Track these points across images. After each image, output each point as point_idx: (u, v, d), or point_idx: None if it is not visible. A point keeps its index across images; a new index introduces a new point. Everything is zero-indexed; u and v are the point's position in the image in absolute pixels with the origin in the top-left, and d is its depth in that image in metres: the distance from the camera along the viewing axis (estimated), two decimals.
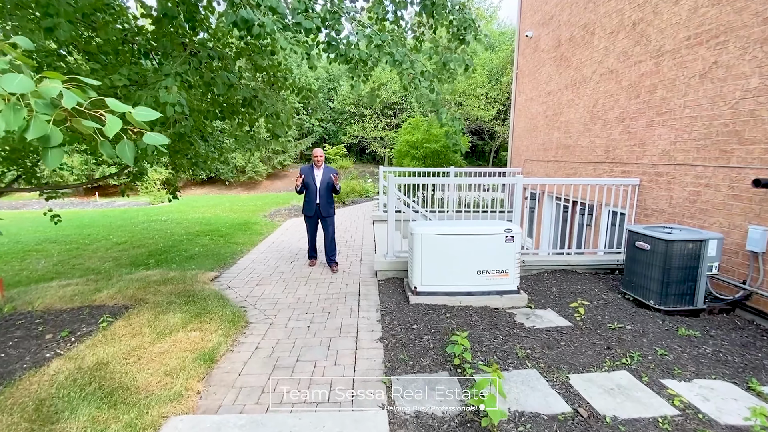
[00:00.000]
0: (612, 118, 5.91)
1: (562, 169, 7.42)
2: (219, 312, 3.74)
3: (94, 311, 3.79)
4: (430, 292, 4.20)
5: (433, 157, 9.80)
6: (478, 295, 4.19)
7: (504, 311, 4.04)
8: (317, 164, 5.36)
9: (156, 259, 6.13)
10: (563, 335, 3.45)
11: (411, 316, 3.83)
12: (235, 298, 4.44)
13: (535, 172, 8.60)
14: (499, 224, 4.28)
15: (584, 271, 5.29)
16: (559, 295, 4.50)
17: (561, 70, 7.44)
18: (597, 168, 6.31)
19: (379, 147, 21.49)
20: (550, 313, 4.03)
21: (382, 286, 4.85)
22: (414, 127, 10.13)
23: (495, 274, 4.18)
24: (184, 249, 6.77)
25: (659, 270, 3.86)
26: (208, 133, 3.74)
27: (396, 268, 5.13)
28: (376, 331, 3.59)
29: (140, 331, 3.24)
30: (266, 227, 8.86)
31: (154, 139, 0.91)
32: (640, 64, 5.32)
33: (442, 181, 8.39)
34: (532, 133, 8.76)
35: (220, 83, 2.49)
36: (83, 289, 4.43)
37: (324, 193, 5.39)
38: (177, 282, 4.64)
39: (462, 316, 3.86)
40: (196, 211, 11.92)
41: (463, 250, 4.12)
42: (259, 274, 5.37)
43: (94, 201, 16.62)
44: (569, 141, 7.14)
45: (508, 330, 3.55)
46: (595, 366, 2.92)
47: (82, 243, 7.46)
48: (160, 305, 3.84)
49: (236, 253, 6.46)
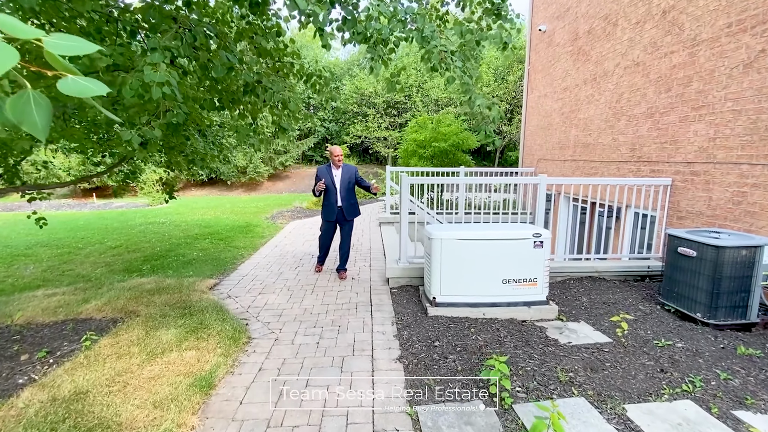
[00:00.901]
0: (638, 113, 5.53)
1: (581, 168, 7.04)
2: (218, 326, 3.35)
3: (79, 326, 3.41)
4: (451, 303, 3.81)
5: (441, 157, 9.42)
6: (504, 306, 3.80)
7: (533, 324, 3.65)
8: (336, 163, 4.89)
9: (151, 264, 5.75)
10: (606, 354, 3.06)
11: (431, 331, 3.44)
12: (236, 309, 4.06)
13: (550, 171, 8.21)
14: (525, 228, 3.89)
15: (612, 278, 4.90)
16: (590, 305, 4.11)
17: (579, 64, 7.06)
18: (621, 167, 5.92)
19: (383, 147, 21.11)
20: (584, 326, 3.64)
21: (396, 295, 4.46)
22: (421, 125, 9.76)
23: (522, 283, 3.79)
24: (182, 253, 6.39)
25: (707, 279, 3.47)
26: (205, 127, 3.37)
27: (410, 275, 4.74)
28: (393, 348, 3.20)
29: (128, 351, 2.85)
30: (268, 230, 8.48)
31: (79, 87, 0.53)
32: (672, 56, 4.93)
33: (461, 180, 7.98)
34: (547, 131, 8.38)
35: (219, 65, 2.12)
36: (70, 299, 4.05)
37: (346, 195, 4.91)
38: (173, 291, 4.26)
39: (488, 330, 3.47)
40: (196, 213, 11.54)
41: (487, 256, 3.73)
42: (262, 282, 4.98)
43: (92, 202, 16.26)
44: (589, 139, 6.76)
45: (542, 348, 3.16)
46: (652, 393, 2.52)
47: (75, 247, 7.08)
48: (153, 319, 3.45)
49: (237, 258, 6.08)
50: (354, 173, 4.97)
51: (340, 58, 26.86)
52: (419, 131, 9.53)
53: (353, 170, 5.00)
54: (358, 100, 20.98)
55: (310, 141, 22.89)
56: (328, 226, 5.09)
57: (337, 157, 4.89)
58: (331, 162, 4.95)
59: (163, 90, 1.66)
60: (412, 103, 19.88)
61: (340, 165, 4.91)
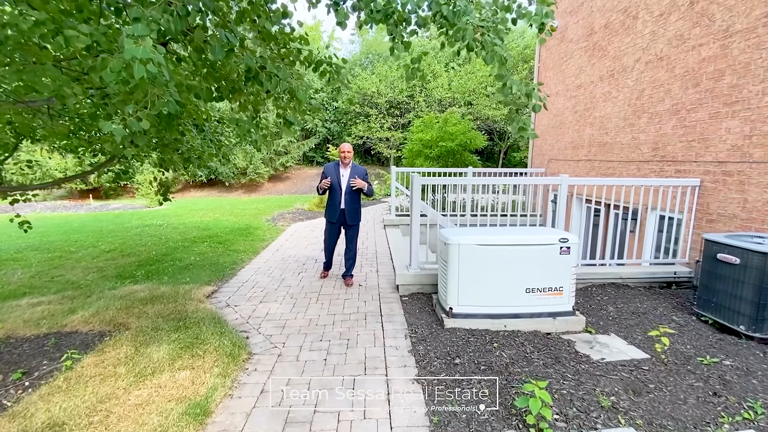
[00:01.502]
0: (662, 110, 5.23)
1: (596, 168, 6.74)
2: (215, 341, 3.04)
3: (63, 340, 3.10)
4: (469, 314, 3.50)
5: (447, 157, 9.12)
6: (527, 317, 3.49)
7: (559, 338, 3.35)
8: (345, 162, 4.59)
9: (146, 270, 5.44)
10: (646, 373, 2.75)
11: (450, 346, 3.13)
12: (235, 319, 3.75)
13: (562, 172, 7.90)
14: (550, 232, 3.59)
15: (636, 285, 4.59)
16: (618, 315, 3.80)
17: (594, 60, 6.77)
18: (642, 167, 5.62)
19: (385, 148, 20.81)
20: (616, 340, 3.34)
21: (407, 304, 4.15)
22: (427, 124, 9.46)
23: (547, 293, 3.48)
24: (179, 258, 6.08)
25: (753, 289, 3.16)
26: (203, 121, 3.06)
27: (421, 282, 4.44)
28: (409, 366, 2.89)
29: (114, 372, 2.54)
30: (269, 232, 8.17)
31: None
32: (700, 48, 4.64)
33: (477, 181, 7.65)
34: (558, 130, 8.08)
35: (217, 46, 1.82)
36: (55, 309, 3.74)
37: (350, 197, 4.61)
38: (167, 300, 3.95)
39: (512, 345, 3.16)
40: (194, 215, 11.23)
41: (510, 263, 3.43)
42: (263, 288, 4.68)
43: (88, 204, 15.95)
44: (606, 138, 6.46)
45: (575, 365, 2.85)
46: (709, 423, 2.21)
47: (67, 251, 6.77)
48: (144, 333, 3.14)
49: (237, 263, 5.77)
50: (363, 175, 4.63)
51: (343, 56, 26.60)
52: (425, 130, 9.23)
53: (362, 172, 4.66)
54: (360, 100, 20.70)
55: (312, 142, 22.60)
56: (329, 227, 4.81)
57: (344, 154, 4.58)
58: (340, 160, 4.65)
59: (148, 68, 1.36)
60: (415, 103, 19.59)
61: (348, 164, 4.60)
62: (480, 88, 16.40)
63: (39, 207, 13.75)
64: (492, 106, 16.49)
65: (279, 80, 2.03)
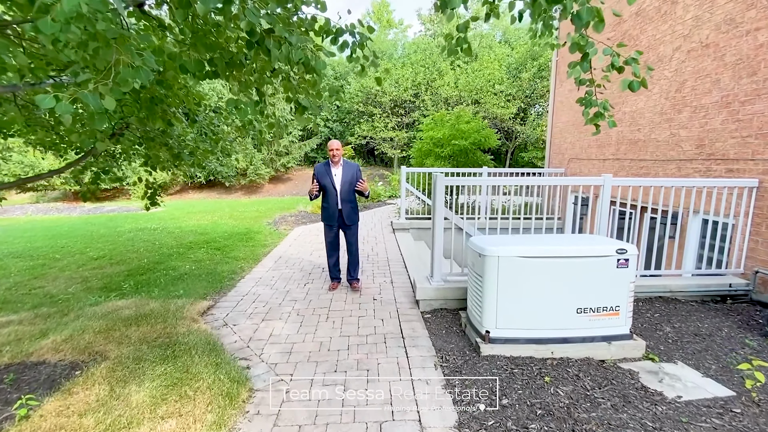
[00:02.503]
0: (708, 103, 4.70)
1: (627, 168, 6.21)
2: (209, 375, 2.51)
3: (25, 374, 2.57)
4: (510, 339, 2.97)
5: (459, 156, 8.60)
6: (578, 342, 2.96)
7: (617, 367, 2.82)
8: (334, 160, 4.28)
9: (136, 280, 4.91)
10: (741, 419, 2.22)
11: (492, 380, 2.61)
12: (234, 343, 3.22)
13: (585, 172, 7.39)
14: (605, 242, 3.06)
15: (687, 299, 4.08)
16: (678, 337, 3.27)
17: (622, 50, 6.24)
18: (683, 166, 5.10)
19: (389, 148, 20.28)
20: (685, 370, 2.81)
21: (431, 323, 3.63)
22: (438, 122, 8.93)
23: (601, 313, 2.96)
24: (173, 266, 5.55)
25: None
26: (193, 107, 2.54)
27: (445, 297, 3.91)
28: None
29: (79, 426, 2.00)
30: (271, 237, 7.65)
31: None
32: (757, 33, 4.12)
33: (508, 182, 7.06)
34: (580, 128, 7.56)
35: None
36: (24, 331, 3.21)
37: (346, 197, 4.32)
38: (155, 320, 3.42)
39: (565, 378, 2.64)
40: (192, 218, 10.71)
41: (559, 279, 2.90)
42: (266, 303, 4.15)
43: (81, 206, 15.41)
44: (638, 135, 5.93)
45: (649, 407, 2.32)
46: None
47: (52, 258, 6.25)
48: (124, 365, 2.61)
49: (236, 272, 5.24)
50: (356, 172, 4.34)
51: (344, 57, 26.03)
52: (436, 128, 8.71)
53: (355, 168, 4.37)
54: (363, 99, 20.16)
55: (313, 142, 22.06)
56: (330, 232, 4.48)
57: (332, 152, 4.24)
58: (329, 158, 4.32)
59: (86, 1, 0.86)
60: (420, 102, 19.05)
61: (338, 162, 4.28)
62: (488, 86, 15.88)
63: (31, 209, 13.23)
64: (500, 105, 15.96)
65: (291, 47, 1.52)
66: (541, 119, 16.58)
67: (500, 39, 20.33)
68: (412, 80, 18.76)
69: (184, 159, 2.77)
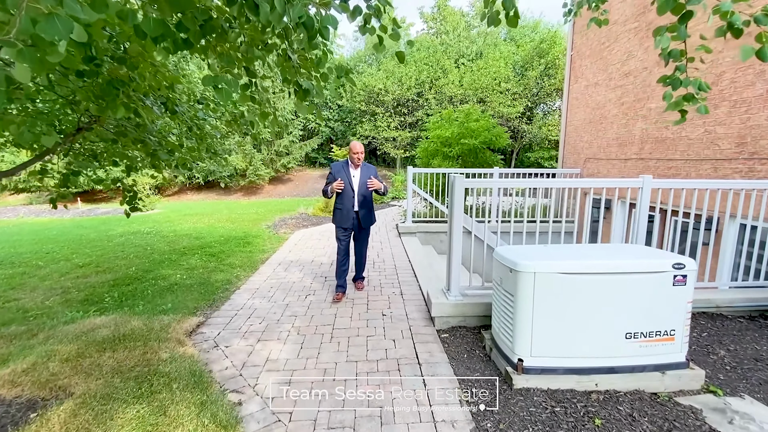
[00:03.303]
0: (751, 97, 4.27)
1: (652, 168, 5.77)
2: (192, 419, 2.08)
3: None
4: (546, 369, 2.54)
5: (468, 156, 8.16)
6: (626, 372, 2.53)
7: (675, 403, 2.38)
8: (355, 162, 4.14)
9: (120, 291, 4.49)
10: None
11: (532, 424, 2.17)
12: (225, 370, 2.79)
13: (603, 173, 6.96)
14: (659, 256, 2.63)
15: (734, 315, 3.64)
16: (737, 363, 2.84)
17: (649, 42, 5.81)
18: (720, 167, 4.66)
19: (392, 148, 19.82)
20: (758, 407, 2.37)
21: (449, 344, 3.20)
22: (446, 120, 8.50)
23: (653, 338, 2.52)
24: (163, 275, 5.12)
25: None
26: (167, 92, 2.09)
27: (464, 313, 3.48)
28: None
29: None
30: (270, 242, 7.21)
31: None
32: None
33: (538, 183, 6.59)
34: (598, 125, 7.13)
35: None
36: None
37: (364, 199, 4.21)
38: (135, 342, 2.99)
39: (617, 420, 2.20)
40: (187, 221, 10.28)
41: (605, 298, 2.47)
42: (263, 319, 3.72)
43: (75, 208, 14.95)
44: (665, 133, 5.50)
45: None
46: None
47: (34, 265, 5.82)
48: (89, 405, 2.18)
49: (231, 282, 4.81)
50: (374, 174, 4.25)
51: (345, 55, 25.65)
52: (444, 127, 8.28)
53: (373, 171, 4.30)
54: (365, 98, 19.71)
55: (314, 142, 21.63)
56: (343, 236, 4.25)
57: (357, 155, 4.11)
58: (349, 159, 4.18)
59: None
60: (424, 101, 18.59)
61: (359, 164, 4.18)
62: (494, 84, 15.44)
63: (23, 211, 12.80)
64: (506, 104, 15.51)
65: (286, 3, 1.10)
66: (547, 118, 16.15)
67: (504, 37, 19.91)
68: (416, 78, 18.31)
69: (161, 158, 2.33)
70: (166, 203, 17.40)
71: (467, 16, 22.20)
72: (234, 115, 2.41)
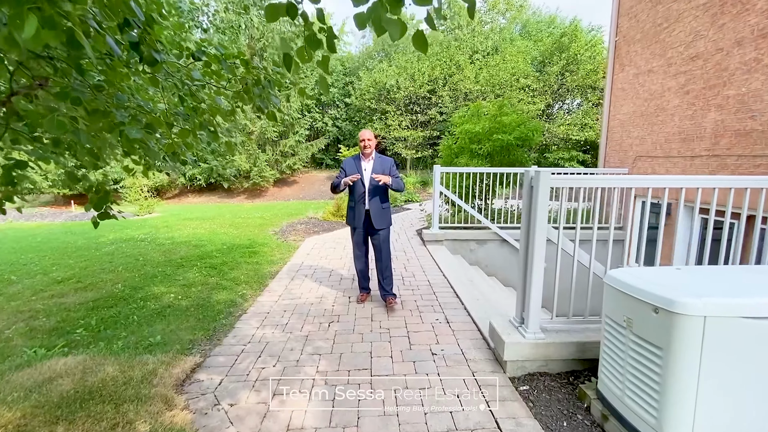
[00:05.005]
0: None
1: (731, 167, 4.90)
2: None
3: None
4: None
5: (499, 154, 7.31)
6: None
7: None
8: (365, 152, 3.68)
9: (99, 317, 3.65)
10: None
11: None
12: None
13: (661, 172, 6.08)
14: None
15: None
16: None
17: (724, 19, 4.96)
18: None
19: (403, 148, 18.95)
20: None
21: (534, 402, 2.33)
22: (474, 113, 7.65)
23: None
24: (153, 294, 4.28)
25: None
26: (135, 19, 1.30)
27: (546, 356, 2.62)
28: None
29: None
30: (279, 251, 6.37)
31: None
32: None
33: (646, 183, 5.77)
34: (653, 118, 6.26)
35: None
36: None
37: (376, 196, 3.70)
38: (104, 404, 2.14)
39: None
40: (187, 226, 9.44)
41: None
42: (277, 359, 2.87)
43: (69, 211, 14.11)
44: (752, 124, 4.63)
45: None
46: None
47: (6, 280, 4.99)
48: None
49: (235, 304, 3.97)
50: (390, 167, 3.74)
51: (353, 52, 24.84)
52: (471, 121, 7.43)
53: (389, 163, 3.77)
54: (375, 96, 18.84)
55: (321, 142, 20.81)
56: (357, 236, 3.83)
57: (363, 143, 3.64)
58: (360, 150, 3.74)
59: None
60: (437, 98, 17.72)
61: (370, 154, 3.70)
62: (512, 80, 14.57)
63: (13, 215, 12.02)
64: (526, 101, 14.62)
65: None
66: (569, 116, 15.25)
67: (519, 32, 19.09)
68: (429, 74, 17.44)
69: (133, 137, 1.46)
70: (165, 206, 16.61)
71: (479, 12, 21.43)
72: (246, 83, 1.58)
